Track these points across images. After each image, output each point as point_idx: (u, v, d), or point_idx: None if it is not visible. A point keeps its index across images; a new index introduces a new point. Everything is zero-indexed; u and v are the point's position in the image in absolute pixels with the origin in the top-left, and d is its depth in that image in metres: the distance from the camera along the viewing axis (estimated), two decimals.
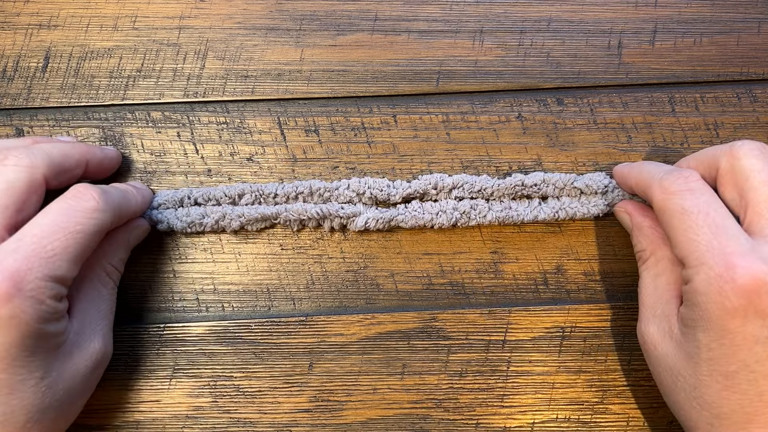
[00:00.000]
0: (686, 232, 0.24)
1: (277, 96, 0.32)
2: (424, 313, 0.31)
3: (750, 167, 0.25)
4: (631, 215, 0.30)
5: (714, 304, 0.23)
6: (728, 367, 0.23)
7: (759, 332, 0.22)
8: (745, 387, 0.23)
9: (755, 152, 0.25)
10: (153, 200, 0.30)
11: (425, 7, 0.33)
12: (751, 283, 0.22)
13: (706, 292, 0.23)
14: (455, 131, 0.32)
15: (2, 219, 0.24)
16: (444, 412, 0.30)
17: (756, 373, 0.23)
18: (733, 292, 0.22)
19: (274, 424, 0.30)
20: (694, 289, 0.24)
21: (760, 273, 0.22)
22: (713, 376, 0.23)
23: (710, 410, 0.24)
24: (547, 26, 0.33)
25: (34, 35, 0.32)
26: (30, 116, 0.32)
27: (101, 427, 0.30)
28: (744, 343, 0.22)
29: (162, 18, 0.33)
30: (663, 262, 0.28)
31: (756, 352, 0.22)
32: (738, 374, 0.23)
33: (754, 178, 0.24)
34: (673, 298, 0.27)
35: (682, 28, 0.33)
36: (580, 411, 0.30)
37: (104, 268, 0.28)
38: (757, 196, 0.24)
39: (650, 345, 0.27)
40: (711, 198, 0.25)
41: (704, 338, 0.23)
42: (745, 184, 0.25)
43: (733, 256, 0.23)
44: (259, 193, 0.30)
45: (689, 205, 0.24)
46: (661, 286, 0.27)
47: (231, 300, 0.31)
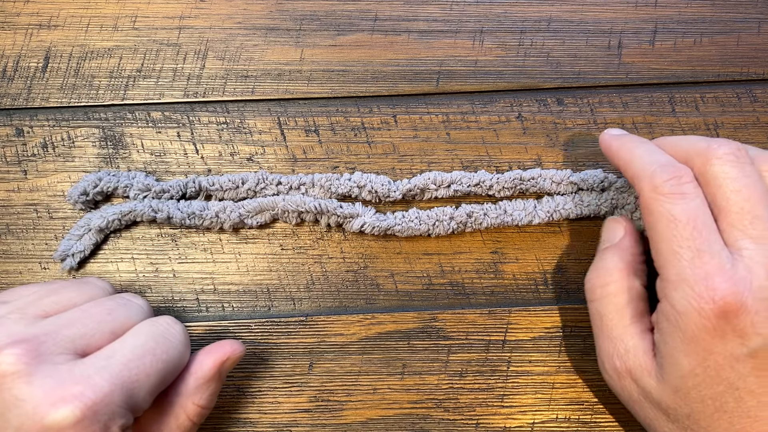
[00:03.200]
0: (670, 241, 0.23)
1: (277, 96, 0.32)
2: (424, 313, 0.31)
3: (724, 174, 0.24)
4: (627, 232, 0.27)
5: (693, 323, 0.23)
6: (716, 388, 0.23)
7: (738, 350, 0.22)
8: (732, 405, 0.23)
9: (731, 157, 0.24)
10: (155, 185, 0.30)
11: (425, 7, 0.33)
12: (730, 304, 0.22)
13: (685, 312, 0.23)
14: (455, 131, 0.32)
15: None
16: (444, 412, 0.30)
17: (740, 390, 0.23)
18: (712, 312, 0.22)
19: (274, 424, 0.30)
20: (673, 306, 0.23)
21: (739, 293, 0.22)
22: (704, 402, 0.23)
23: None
24: (547, 26, 0.33)
25: (34, 35, 0.32)
26: (30, 116, 0.32)
27: None
28: (726, 362, 0.23)
29: (162, 18, 0.33)
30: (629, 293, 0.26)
31: (738, 370, 0.23)
32: (725, 394, 0.23)
33: (727, 186, 0.24)
34: (645, 333, 0.26)
35: (682, 28, 0.33)
36: (580, 411, 0.30)
37: (183, 407, 0.25)
38: (729, 206, 0.23)
39: (627, 382, 0.25)
40: (700, 207, 0.24)
41: (688, 363, 0.23)
42: (718, 191, 0.24)
43: (714, 276, 0.22)
44: (263, 179, 0.30)
45: (678, 212, 0.23)
46: (628, 318, 0.26)
47: (231, 300, 0.31)
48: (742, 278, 0.22)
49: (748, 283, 0.22)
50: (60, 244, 0.30)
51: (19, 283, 0.31)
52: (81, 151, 0.31)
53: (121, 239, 0.31)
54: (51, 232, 0.31)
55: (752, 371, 0.22)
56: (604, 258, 0.27)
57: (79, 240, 0.30)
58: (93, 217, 0.30)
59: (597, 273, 0.27)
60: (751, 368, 0.22)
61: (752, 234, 0.23)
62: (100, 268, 0.31)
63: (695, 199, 0.24)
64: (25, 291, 0.26)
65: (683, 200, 0.24)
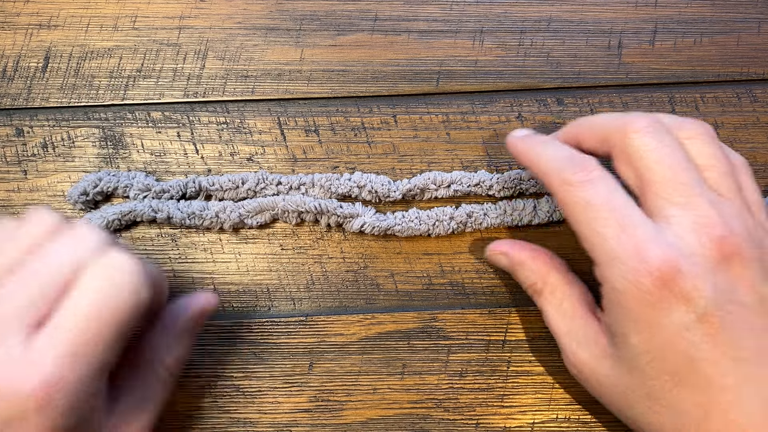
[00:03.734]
0: (592, 225, 0.23)
1: (277, 96, 0.32)
2: (424, 313, 0.31)
3: (644, 146, 0.24)
4: (507, 254, 0.28)
5: (635, 299, 0.22)
6: (670, 363, 0.22)
7: (686, 318, 0.22)
8: (692, 379, 0.22)
9: (648, 129, 0.24)
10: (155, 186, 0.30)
11: (425, 7, 0.33)
12: (666, 270, 0.21)
13: (624, 289, 0.22)
14: (455, 131, 0.32)
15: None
16: (444, 412, 0.30)
17: (696, 360, 0.22)
18: (651, 283, 0.22)
19: (274, 424, 0.30)
20: (612, 287, 0.23)
21: (673, 258, 0.22)
22: (661, 377, 0.22)
23: (669, 413, 0.23)
24: (547, 26, 0.33)
25: (34, 35, 0.32)
26: (30, 116, 0.32)
27: None
28: (676, 333, 0.22)
29: (162, 18, 0.33)
30: (558, 287, 0.27)
31: (690, 339, 0.22)
32: (681, 367, 0.22)
33: (648, 157, 0.23)
34: (589, 316, 0.26)
35: (682, 28, 0.33)
36: (580, 411, 0.30)
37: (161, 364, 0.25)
38: (653, 176, 0.23)
39: (587, 373, 0.25)
40: (612, 186, 0.23)
41: (638, 341, 0.23)
42: (640, 164, 0.24)
43: (644, 245, 0.22)
44: (263, 179, 0.30)
45: (591, 196, 0.23)
46: (569, 311, 0.26)
47: (231, 300, 0.31)
48: (672, 244, 0.22)
49: (680, 249, 0.22)
50: None
51: None
52: (81, 151, 0.31)
53: (121, 239, 0.31)
54: None
55: (704, 337, 0.22)
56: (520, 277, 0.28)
57: None
58: (93, 218, 0.30)
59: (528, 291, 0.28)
60: (702, 334, 0.22)
61: (678, 201, 0.23)
62: None
63: (606, 181, 0.24)
64: None
65: (593, 185, 0.23)
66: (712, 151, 0.24)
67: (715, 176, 0.24)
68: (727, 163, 0.25)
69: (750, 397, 0.22)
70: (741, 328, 0.22)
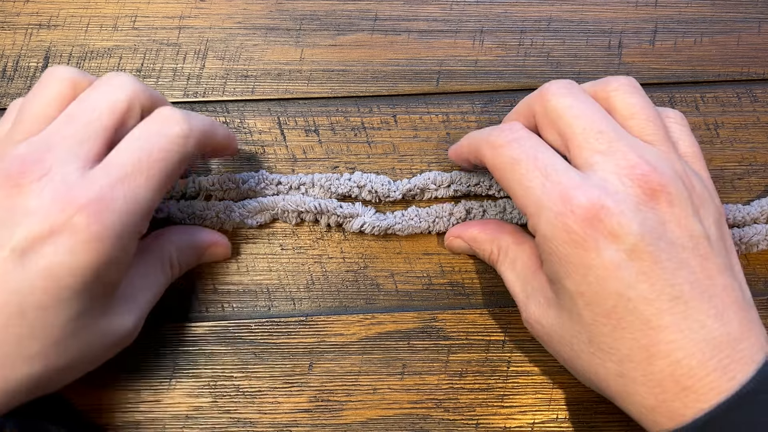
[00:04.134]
0: (520, 181, 0.23)
1: (277, 96, 0.32)
2: (424, 313, 0.31)
3: (561, 105, 0.24)
4: (461, 235, 0.29)
5: (564, 243, 0.22)
6: (606, 304, 0.22)
7: (616, 256, 0.21)
8: (630, 319, 0.22)
9: (563, 90, 0.25)
10: None
11: (425, 7, 0.33)
12: (590, 209, 0.22)
13: (552, 235, 0.22)
14: (455, 131, 0.32)
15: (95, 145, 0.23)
16: (444, 412, 0.30)
17: (633, 300, 0.21)
18: (576, 224, 0.22)
19: (274, 424, 0.30)
20: (542, 235, 0.23)
21: (596, 197, 0.22)
22: (599, 320, 0.22)
23: (612, 359, 0.22)
24: (547, 26, 0.33)
25: (33, 35, 0.32)
26: None
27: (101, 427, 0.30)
28: (608, 273, 0.21)
29: (162, 18, 0.33)
30: (510, 248, 0.27)
31: (623, 278, 0.21)
32: (617, 308, 0.22)
33: (566, 114, 0.24)
34: (536, 270, 0.26)
35: (682, 28, 0.33)
36: (580, 411, 0.30)
37: (170, 258, 0.27)
38: (574, 131, 0.24)
39: (537, 325, 0.25)
40: (536, 142, 0.24)
41: (571, 284, 0.22)
42: (560, 122, 0.24)
43: (568, 190, 0.22)
44: (263, 179, 0.30)
45: (517, 154, 0.24)
46: (520, 268, 0.27)
47: (231, 300, 0.31)
48: (597, 185, 0.22)
49: (605, 189, 0.22)
50: None
51: None
52: None
53: None
54: None
55: (639, 276, 0.21)
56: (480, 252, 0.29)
57: None
58: None
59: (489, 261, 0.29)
60: (636, 272, 0.21)
61: (600, 148, 0.23)
62: None
63: (529, 140, 0.24)
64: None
65: (518, 144, 0.24)
66: (634, 101, 0.25)
67: (639, 123, 0.24)
68: (651, 111, 0.25)
69: (692, 336, 0.21)
70: (674, 266, 0.22)
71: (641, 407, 0.22)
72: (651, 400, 0.22)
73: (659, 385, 0.21)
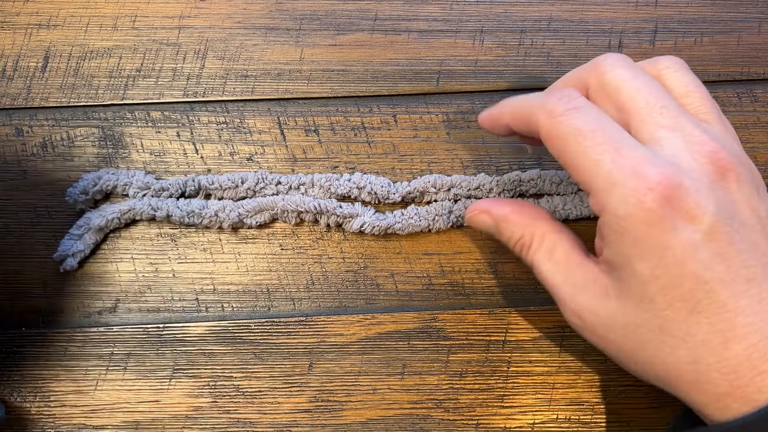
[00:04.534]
0: (586, 153, 0.22)
1: (277, 96, 0.32)
2: (424, 313, 0.30)
3: (620, 78, 0.23)
4: (489, 211, 0.27)
5: (640, 222, 0.21)
6: (682, 287, 0.21)
7: (694, 236, 0.21)
8: (706, 302, 0.21)
9: (620, 62, 0.24)
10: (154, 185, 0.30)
11: (425, 7, 0.33)
12: (668, 186, 0.21)
13: (627, 214, 0.21)
14: (455, 131, 0.32)
15: None
16: (444, 412, 0.30)
17: (709, 282, 0.21)
18: (654, 202, 0.21)
19: (274, 424, 0.30)
20: (613, 214, 0.21)
21: (673, 174, 0.21)
22: (674, 305, 0.21)
23: (685, 345, 0.21)
24: (547, 26, 0.33)
25: (33, 35, 0.32)
26: (29, 116, 0.32)
27: (101, 427, 0.30)
28: (685, 253, 0.21)
29: (162, 18, 0.33)
30: (547, 236, 0.25)
31: (701, 260, 0.21)
32: (694, 291, 0.21)
33: (627, 87, 0.23)
34: (584, 259, 0.24)
35: (682, 28, 0.33)
36: (580, 411, 0.30)
37: None
38: (636, 105, 0.23)
39: (591, 317, 0.23)
40: (599, 112, 0.23)
41: (645, 267, 0.21)
42: (620, 95, 0.23)
43: (642, 166, 0.21)
44: (262, 178, 0.30)
45: (580, 124, 0.22)
46: (560, 258, 0.25)
47: (231, 300, 0.31)
48: (670, 162, 0.21)
49: (678, 166, 0.21)
50: (59, 243, 0.30)
51: (19, 282, 0.31)
52: (80, 150, 0.31)
53: (121, 239, 0.31)
54: (50, 231, 0.31)
55: (715, 257, 0.21)
56: (505, 235, 0.27)
57: (79, 239, 0.30)
58: (92, 216, 0.30)
59: (515, 248, 0.27)
60: (712, 253, 0.21)
61: (665, 123, 0.22)
62: (100, 268, 0.31)
63: (592, 109, 0.23)
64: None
65: (580, 112, 0.23)
66: (688, 79, 0.24)
67: (695, 101, 0.24)
68: (704, 90, 0.24)
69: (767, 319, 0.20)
70: (747, 247, 0.21)
71: (714, 394, 0.21)
72: (725, 387, 0.21)
73: (734, 370, 0.21)
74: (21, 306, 0.30)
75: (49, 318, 0.30)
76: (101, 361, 0.30)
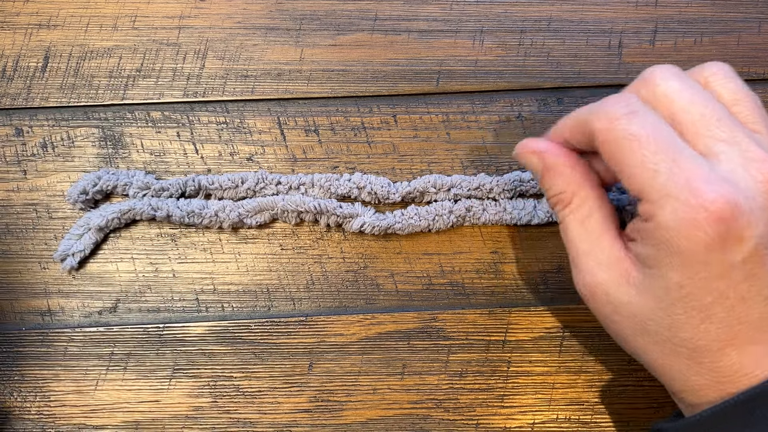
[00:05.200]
0: (642, 161, 0.21)
1: (277, 96, 0.32)
2: (424, 313, 0.30)
3: (672, 89, 0.23)
4: (542, 155, 0.26)
5: (688, 239, 0.21)
6: (704, 299, 0.21)
7: (734, 258, 0.21)
8: (722, 316, 0.21)
9: (670, 74, 0.23)
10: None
11: (425, 7, 0.33)
12: (725, 209, 0.20)
13: (676, 227, 0.21)
14: (455, 131, 0.32)
15: None
16: (444, 412, 0.30)
17: (731, 299, 0.21)
18: (707, 222, 0.20)
19: (274, 424, 0.30)
20: (662, 225, 0.21)
21: (730, 195, 0.20)
22: (689, 313, 0.22)
23: (687, 346, 0.22)
24: (547, 26, 0.33)
25: (33, 35, 0.32)
26: (30, 116, 0.32)
27: (101, 427, 0.30)
28: (721, 272, 0.21)
29: (162, 18, 0.33)
30: (589, 201, 0.25)
31: (732, 278, 0.21)
32: (714, 305, 0.21)
33: (681, 99, 0.23)
34: (615, 240, 0.24)
35: (682, 28, 0.33)
36: (580, 411, 0.30)
37: None
38: (690, 116, 0.22)
39: (602, 296, 0.24)
40: (657, 119, 0.22)
41: (677, 276, 0.21)
42: (674, 107, 0.23)
43: (698, 182, 0.21)
44: (262, 178, 0.30)
45: (637, 129, 0.22)
46: (594, 229, 0.24)
47: (231, 300, 0.31)
48: (726, 179, 0.21)
49: (736, 185, 0.21)
50: (60, 243, 0.30)
51: (19, 283, 0.31)
52: (80, 150, 0.31)
53: (121, 239, 0.31)
54: (51, 231, 0.31)
55: (745, 278, 0.21)
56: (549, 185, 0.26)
57: (79, 239, 0.30)
58: (92, 216, 0.30)
59: (553, 201, 0.26)
60: (744, 275, 0.21)
61: (722, 136, 0.22)
62: (100, 267, 0.31)
63: (650, 115, 0.22)
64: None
65: (638, 117, 0.22)
66: (736, 86, 0.24)
67: (744, 110, 0.23)
68: (753, 96, 0.24)
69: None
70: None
71: (694, 384, 0.22)
72: (705, 381, 0.22)
73: (724, 374, 0.22)
74: (21, 306, 0.30)
75: (49, 318, 0.30)
76: (101, 361, 0.30)
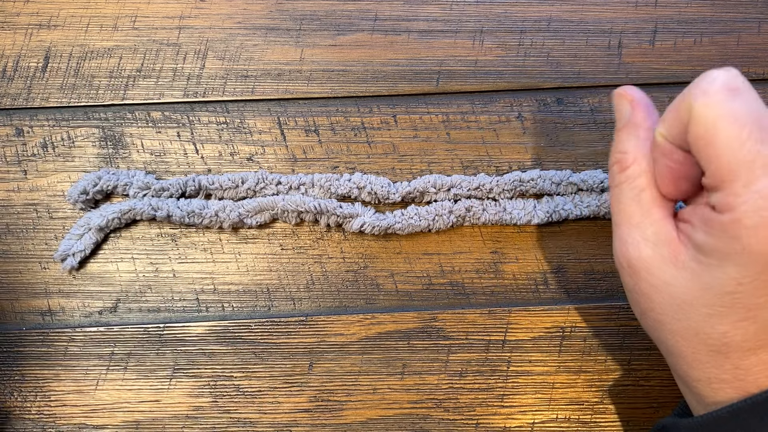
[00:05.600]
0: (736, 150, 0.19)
1: (277, 96, 0.32)
2: (424, 313, 0.31)
3: None
4: (636, 107, 0.24)
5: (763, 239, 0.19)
6: (756, 300, 0.20)
7: None
8: (765, 316, 0.20)
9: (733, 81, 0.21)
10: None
11: (425, 7, 0.33)
12: None
13: (755, 227, 0.19)
14: (455, 131, 0.32)
15: None
16: (444, 412, 0.30)
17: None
18: None
19: (274, 424, 0.30)
20: (738, 220, 0.20)
21: None
22: (735, 308, 0.20)
23: (720, 339, 0.21)
24: (547, 26, 0.33)
25: (34, 35, 0.32)
26: (30, 116, 0.32)
27: (101, 426, 0.30)
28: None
29: (162, 18, 0.33)
30: (647, 175, 0.23)
31: None
32: (763, 307, 0.20)
33: None
34: (668, 218, 0.23)
35: (682, 28, 0.33)
36: (580, 411, 0.30)
37: None
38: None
39: (642, 271, 0.23)
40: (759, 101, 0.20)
41: (736, 272, 0.20)
42: None
43: None
44: (263, 178, 0.30)
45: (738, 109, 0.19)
46: (647, 203, 0.23)
47: (231, 300, 0.31)
48: None
49: None
50: (60, 243, 0.30)
51: (19, 282, 0.31)
52: (81, 150, 0.31)
53: (121, 239, 0.31)
54: (51, 231, 0.31)
55: None
56: (620, 140, 0.24)
57: (80, 239, 0.30)
58: (93, 216, 0.30)
59: (614, 157, 0.24)
60: None
61: None
62: (100, 267, 0.31)
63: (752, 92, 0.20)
64: None
65: (739, 96, 0.20)
66: None
67: None
68: None
69: None
70: None
71: (713, 378, 0.22)
72: (727, 376, 0.21)
73: (748, 372, 0.21)
74: (21, 306, 0.30)
75: (50, 318, 0.30)
76: (101, 361, 0.30)
